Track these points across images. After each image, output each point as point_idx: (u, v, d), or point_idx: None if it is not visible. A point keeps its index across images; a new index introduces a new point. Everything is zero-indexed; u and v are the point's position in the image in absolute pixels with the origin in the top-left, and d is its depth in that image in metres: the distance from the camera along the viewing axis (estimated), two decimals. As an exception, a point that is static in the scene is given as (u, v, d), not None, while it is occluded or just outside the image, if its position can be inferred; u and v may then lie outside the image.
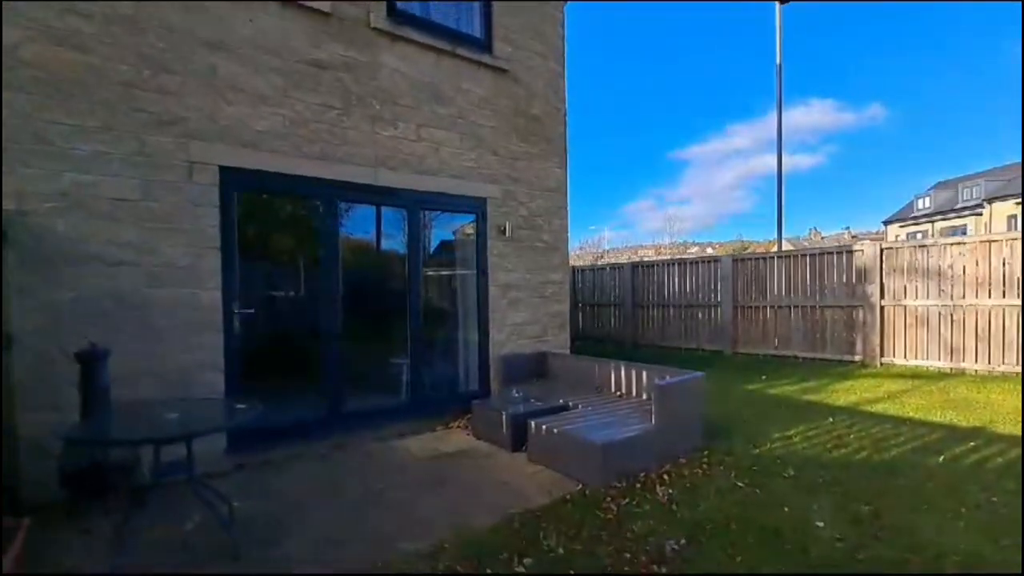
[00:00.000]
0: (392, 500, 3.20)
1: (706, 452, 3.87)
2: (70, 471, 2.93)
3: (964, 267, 6.59)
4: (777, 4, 11.82)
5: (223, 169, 3.80)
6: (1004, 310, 6.24)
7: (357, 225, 4.84)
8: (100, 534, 2.77)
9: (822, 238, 48.84)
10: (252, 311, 4.03)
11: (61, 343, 3.17)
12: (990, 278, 6.38)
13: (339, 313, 4.39)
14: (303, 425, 4.22)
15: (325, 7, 4.22)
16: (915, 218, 37.91)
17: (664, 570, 2.35)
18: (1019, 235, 6.26)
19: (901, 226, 39.03)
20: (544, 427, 3.73)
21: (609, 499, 3.07)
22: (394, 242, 5.01)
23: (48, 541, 2.70)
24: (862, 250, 7.50)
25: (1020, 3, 15.44)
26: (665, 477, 3.40)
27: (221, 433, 3.66)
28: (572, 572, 2.35)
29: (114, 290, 3.40)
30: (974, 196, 33.42)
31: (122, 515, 2.74)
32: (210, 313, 3.75)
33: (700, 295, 9.40)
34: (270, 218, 4.52)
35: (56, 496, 3.01)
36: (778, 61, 11.84)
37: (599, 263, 16.95)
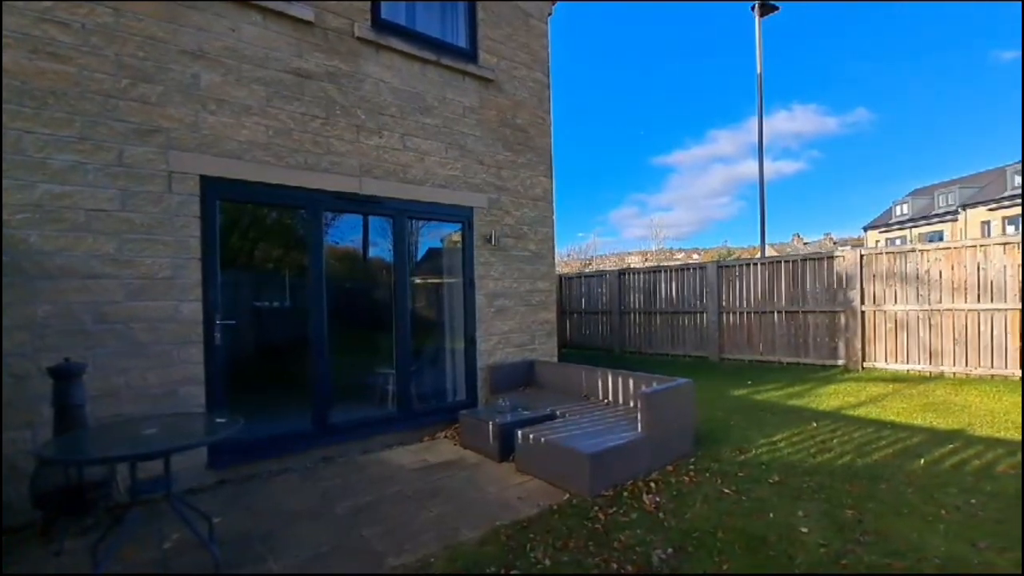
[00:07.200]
0: (379, 513, 3.15)
1: (693, 459, 3.89)
2: (43, 490, 2.84)
3: (941, 272, 6.75)
4: (757, 16, 12.08)
5: (204, 179, 3.75)
6: (979, 314, 6.41)
7: (343, 234, 4.80)
8: (74, 555, 2.69)
9: (805, 244, 49.68)
10: (235, 322, 3.97)
11: (36, 359, 3.09)
12: (966, 283, 6.55)
13: (324, 323, 4.34)
14: (288, 438, 4.15)
15: (308, 17, 4.22)
16: (894, 224, 38.81)
17: (652, 580, 2.35)
18: (991, 241, 6.44)
19: (881, 232, 39.92)
20: (531, 437, 3.72)
21: (597, 508, 3.07)
22: (380, 251, 4.98)
23: (17, 564, 2.61)
24: (843, 256, 7.65)
25: (1020, 3, 15.87)
26: (652, 485, 3.41)
27: (202, 448, 3.59)
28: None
29: (92, 304, 3.32)
30: (949, 203, 34.34)
31: (97, 535, 2.66)
32: (192, 326, 3.68)
33: (686, 302, 9.49)
34: (253, 228, 4.46)
35: (29, 517, 2.92)
36: (759, 71, 12.09)
37: (587, 270, 17.04)
